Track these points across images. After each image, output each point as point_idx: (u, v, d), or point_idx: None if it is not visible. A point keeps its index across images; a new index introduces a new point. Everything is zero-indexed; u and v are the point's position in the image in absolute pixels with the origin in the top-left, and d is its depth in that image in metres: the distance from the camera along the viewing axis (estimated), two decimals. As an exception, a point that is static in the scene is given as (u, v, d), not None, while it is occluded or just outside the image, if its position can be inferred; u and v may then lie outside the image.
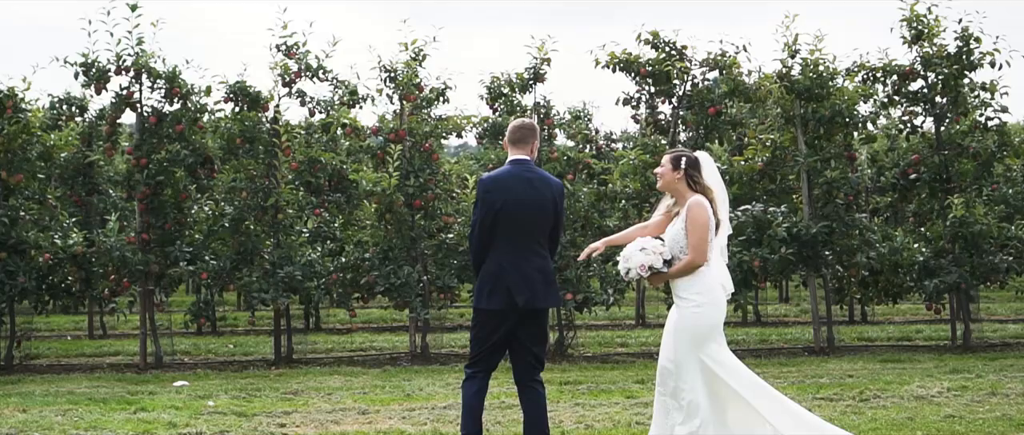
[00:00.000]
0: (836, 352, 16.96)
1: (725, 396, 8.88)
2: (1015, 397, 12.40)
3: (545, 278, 9.07)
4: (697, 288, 8.83)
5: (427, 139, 17.18)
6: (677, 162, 8.95)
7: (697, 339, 8.77)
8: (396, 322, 22.59)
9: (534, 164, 9.21)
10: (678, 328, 8.86)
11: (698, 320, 8.79)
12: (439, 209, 17.16)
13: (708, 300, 8.82)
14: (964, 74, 17.22)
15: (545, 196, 9.05)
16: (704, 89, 17.28)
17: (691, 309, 8.81)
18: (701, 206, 8.80)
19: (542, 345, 9.25)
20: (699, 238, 8.77)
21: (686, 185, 8.90)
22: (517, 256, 9.06)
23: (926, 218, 18.34)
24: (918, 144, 17.71)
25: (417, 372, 15.45)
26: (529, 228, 9.06)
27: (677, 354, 8.83)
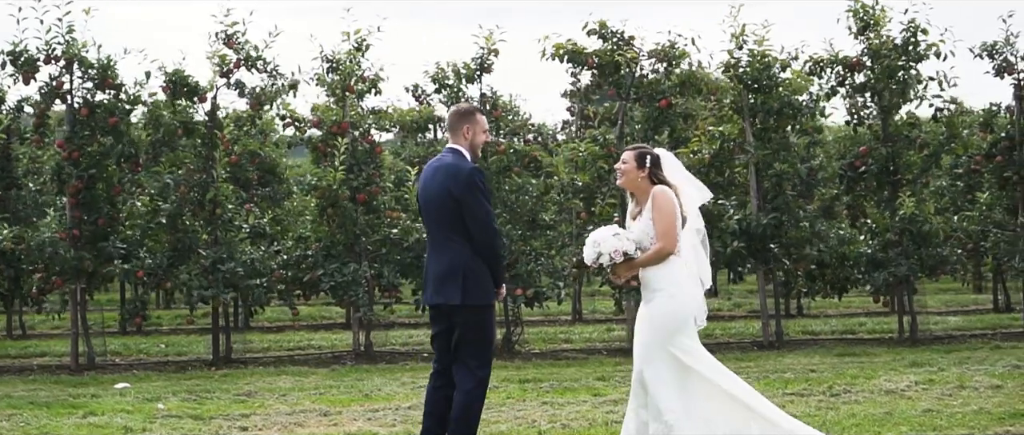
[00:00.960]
0: (785, 346, 16.80)
1: (699, 389, 8.60)
2: (984, 390, 12.26)
3: (452, 273, 8.52)
4: (669, 280, 8.58)
5: (370, 131, 16.72)
6: (641, 159, 8.70)
7: (667, 331, 8.52)
8: (327, 319, 22.09)
9: (462, 152, 8.72)
10: (648, 320, 8.61)
11: (669, 313, 8.54)
12: (383, 204, 16.70)
13: (680, 292, 8.58)
14: (910, 65, 17.12)
15: (444, 186, 8.55)
16: (654, 80, 16.98)
17: (663, 300, 8.57)
18: (665, 194, 8.57)
19: (467, 345, 8.60)
20: (667, 224, 8.53)
21: (649, 182, 8.66)
22: (432, 250, 8.79)
23: (859, 213, 18.25)
24: (865, 136, 17.58)
25: (368, 371, 14.99)
26: (436, 220, 8.69)
27: (647, 348, 8.57)
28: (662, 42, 17.07)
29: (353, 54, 16.61)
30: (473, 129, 8.78)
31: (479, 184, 8.51)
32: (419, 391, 13.04)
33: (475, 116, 8.85)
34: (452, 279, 8.52)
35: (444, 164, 8.69)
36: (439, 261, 8.64)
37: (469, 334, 8.59)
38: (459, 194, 8.48)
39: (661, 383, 8.50)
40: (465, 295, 8.50)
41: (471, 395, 8.57)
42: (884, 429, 10.39)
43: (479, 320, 8.60)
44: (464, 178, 8.49)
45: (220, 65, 16.30)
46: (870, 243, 17.25)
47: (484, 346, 8.66)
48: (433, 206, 8.68)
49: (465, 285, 8.50)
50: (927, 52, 17.11)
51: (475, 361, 8.59)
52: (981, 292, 27.00)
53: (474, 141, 8.79)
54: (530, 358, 16.20)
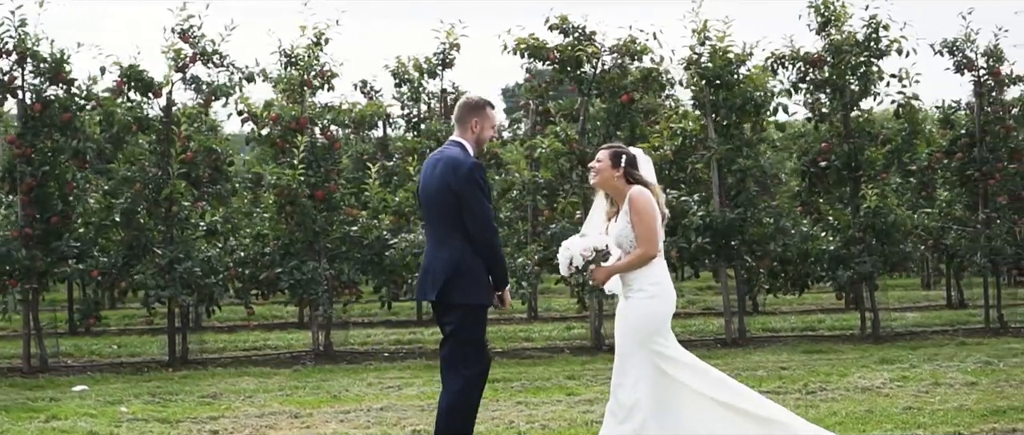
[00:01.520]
0: (749, 344, 16.71)
1: (675, 392, 8.43)
2: (960, 388, 12.21)
3: (448, 271, 8.26)
4: (650, 279, 8.42)
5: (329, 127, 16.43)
6: (617, 159, 8.51)
7: (647, 332, 8.35)
8: (278, 318, 21.74)
9: (465, 146, 8.47)
10: (627, 320, 8.45)
11: (649, 312, 8.38)
12: (342, 201, 16.42)
13: (660, 292, 8.42)
14: (871, 61, 17.07)
15: (442, 180, 8.30)
16: (615, 76, 16.81)
17: (642, 300, 8.40)
18: (643, 195, 8.39)
19: (457, 345, 8.36)
20: (647, 227, 8.34)
21: (625, 182, 8.48)
22: (430, 246, 8.56)
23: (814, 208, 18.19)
24: (827, 132, 17.51)
25: (331, 372, 14.70)
26: (434, 216, 8.47)
27: (623, 347, 8.42)
28: (623, 37, 16.91)
29: (312, 49, 16.31)
30: (482, 123, 8.52)
31: (479, 181, 8.25)
32: (388, 392, 12.84)
33: (486, 110, 8.57)
34: (448, 276, 8.28)
35: (445, 158, 8.43)
36: (437, 257, 8.39)
37: (459, 334, 8.34)
38: (458, 189, 8.21)
39: (637, 381, 8.33)
40: (460, 293, 8.27)
41: (457, 396, 8.33)
42: (868, 427, 10.28)
43: (471, 320, 8.36)
44: (464, 173, 8.23)
45: (175, 60, 15.94)
46: (832, 240, 17.18)
47: (474, 347, 8.39)
48: (432, 201, 8.44)
49: (460, 283, 8.26)
50: (888, 48, 17.08)
51: (463, 362, 8.33)
52: (930, 288, 27.15)
53: (481, 136, 8.54)
54: (495, 357, 15.97)
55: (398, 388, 13.08)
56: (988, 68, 17.59)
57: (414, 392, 12.77)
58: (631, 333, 8.41)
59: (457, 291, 8.26)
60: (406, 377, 13.97)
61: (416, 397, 12.42)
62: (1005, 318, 17.65)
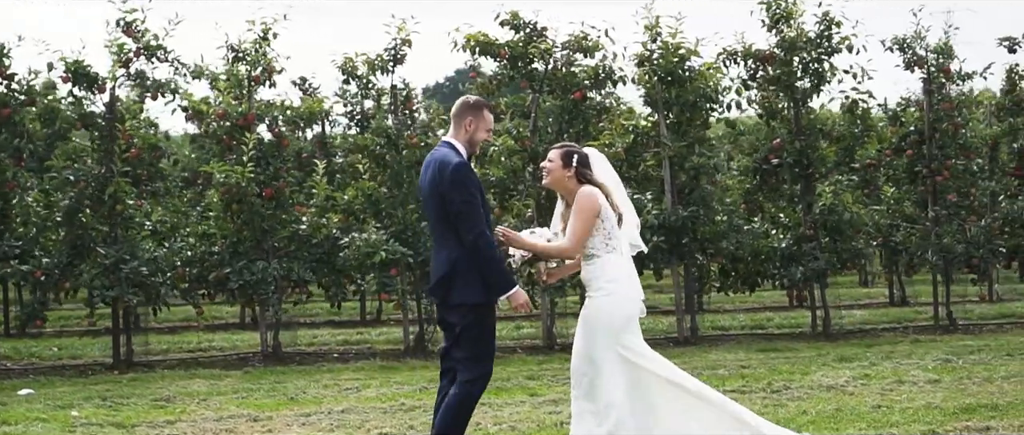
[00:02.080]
0: (701, 342, 16.62)
1: (651, 388, 8.32)
2: (924, 385, 12.16)
3: (444, 270, 8.13)
4: (608, 277, 8.29)
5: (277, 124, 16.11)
6: (568, 158, 8.38)
7: (612, 331, 8.23)
8: (218, 319, 21.33)
9: (456, 146, 8.28)
10: (590, 320, 8.32)
11: (611, 311, 8.25)
12: (291, 199, 16.10)
13: (615, 289, 8.27)
14: (823, 58, 17.03)
15: (432, 182, 8.17)
16: (568, 73, 16.63)
17: (599, 298, 8.28)
18: (589, 195, 8.27)
19: (463, 344, 8.20)
20: (581, 224, 8.24)
21: (577, 182, 8.35)
22: (434, 245, 8.45)
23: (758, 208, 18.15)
24: (778, 129, 17.44)
25: (283, 373, 14.41)
26: (431, 216, 8.42)
27: (593, 349, 8.28)
28: (575, 33, 16.74)
29: (259, 43, 15.98)
30: (476, 123, 8.34)
31: (463, 180, 8.06)
32: (347, 394, 12.58)
33: (483, 111, 8.40)
34: (444, 276, 8.15)
35: (434, 158, 8.31)
36: (437, 257, 8.30)
37: (464, 333, 8.18)
38: (444, 190, 8.08)
39: (607, 382, 8.19)
40: (457, 293, 8.11)
41: (465, 388, 8.19)
42: (841, 426, 10.18)
43: (473, 319, 8.16)
44: (448, 174, 8.07)
45: (119, 54, 15.53)
46: (784, 237, 17.12)
47: (481, 344, 8.23)
48: (427, 202, 8.37)
49: (455, 282, 8.10)
50: (840, 45, 17.04)
51: (472, 360, 8.20)
52: (868, 286, 27.25)
53: (474, 136, 8.36)
54: (441, 357, 15.74)
55: (356, 390, 12.81)
56: (938, 65, 17.59)
57: (373, 393, 12.52)
58: (591, 332, 8.28)
59: (454, 290, 8.12)
60: (362, 379, 13.70)
61: (376, 399, 12.16)
62: (954, 315, 17.65)
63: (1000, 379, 12.36)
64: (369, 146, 16.18)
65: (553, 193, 10.13)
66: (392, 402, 11.86)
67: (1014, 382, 12.14)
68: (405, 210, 15.85)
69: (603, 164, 8.60)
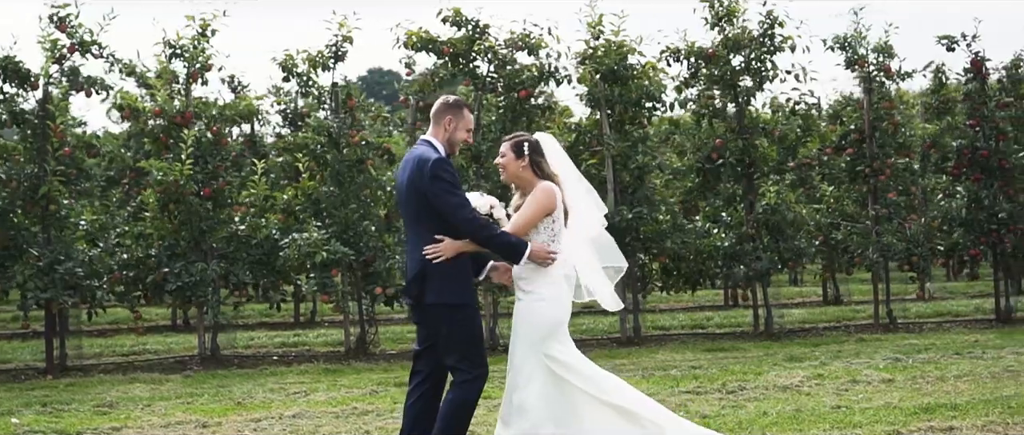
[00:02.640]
0: (644, 342, 16.51)
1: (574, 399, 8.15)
2: (878, 385, 12.11)
3: (420, 271, 7.95)
4: (541, 281, 8.11)
5: (215, 122, 15.76)
6: (519, 149, 8.20)
7: (538, 336, 8.07)
8: (147, 321, 20.84)
9: (434, 144, 8.12)
10: (519, 323, 8.15)
11: (540, 316, 8.09)
12: (230, 198, 15.75)
13: (551, 295, 8.11)
14: (765, 57, 16.99)
15: (411, 180, 8.01)
16: (511, 71, 16.44)
17: (533, 303, 8.11)
18: (548, 191, 8.09)
19: (450, 347, 8.00)
20: (530, 215, 8.06)
21: (532, 173, 8.17)
22: (408, 246, 8.26)
23: (692, 208, 18.09)
24: (720, 127, 17.36)
25: (225, 376, 14.09)
26: (406, 214, 8.23)
27: (516, 350, 8.13)
28: (518, 31, 16.56)
29: (198, 40, 15.62)
30: (456, 123, 8.19)
31: (444, 175, 7.89)
32: (295, 398, 12.29)
33: (463, 111, 8.25)
34: (419, 276, 7.96)
35: (412, 156, 8.14)
36: (411, 256, 8.10)
37: (449, 336, 7.98)
38: (424, 187, 7.89)
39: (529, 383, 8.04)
40: (431, 293, 7.93)
41: (464, 389, 8.00)
42: (804, 427, 10.06)
43: (456, 320, 7.97)
44: (429, 171, 7.89)
45: (52, 50, 15.10)
46: (725, 237, 17.06)
47: (471, 345, 8.03)
48: (404, 201, 8.17)
49: (430, 282, 7.92)
50: (782, 44, 17.00)
51: (466, 362, 8.00)
52: (798, 284, 27.38)
53: (453, 136, 8.20)
54: (387, 359, 15.50)
55: (304, 394, 12.51)
56: (878, 64, 17.62)
57: (322, 397, 12.23)
58: (523, 336, 8.11)
59: (430, 291, 7.93)
60: (307, 382, 13.41)
61: (326, 403, 11.88)
62: (894, 314, 17.69)
63: (953, 378, 12.33)
64: (309, 145, 15.87)
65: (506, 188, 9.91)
66: (343, 406, 11.59)
67: (967, 381, 12.12)
68: (347, 210, 15.55)
69: (556, 150, 8.41)
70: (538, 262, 8.04)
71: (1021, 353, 14.03)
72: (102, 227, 16.83)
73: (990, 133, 17.94)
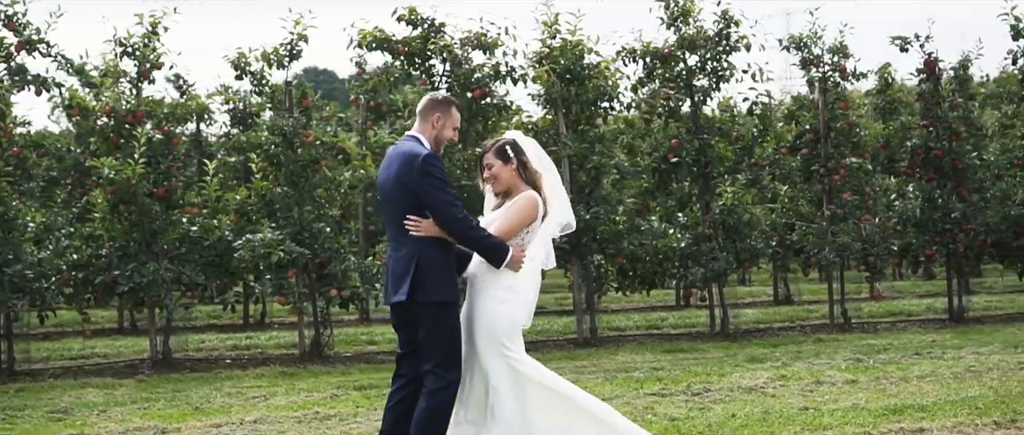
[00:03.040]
0: (603, 343, 16.41)
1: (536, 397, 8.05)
2: (842, 385, 12.08)
3: (406, 268, 7.78)
4: (505, 282, 7.98)
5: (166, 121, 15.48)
6: (504, 154, 8.13)
7: (498, 337, 7.95)
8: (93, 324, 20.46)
9: (421, 139, 7.96)
10: (479, 323, 7.99)
11: (500, 317, 7.95)
12: (181, 199, 15.48)
13: (513, 297, 7.99)
14: (721, 56, 16.94)
15: (398, 175, 7.84)
16: (467, 70, 16.28)
17: (494, 305, 7.97)
18: (534, 202, 8.02)
19: (430, 347, 7.82)
20: (516, 223, 7.98)
21: (520, 176, 8.09)
22: (389, 244, 8.10)
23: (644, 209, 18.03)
24: (677, 128, 17.27)
25: (180, 381, 13.81)
26: (390, 211, 8.01)
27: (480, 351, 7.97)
28: (474, 30, 16.42)
29: (149, 37, 15.33)
30: (444, 120, 8.05)
31: (434, 172, 7.74)
32: (255, 402, 12.07)
33: (451, 108, 8.12)
34: (406, 274, 7.77)
35: (399, 152, 7.96)
36: (395, 256, 7.91)
37: (431, 334, 7.81)
38: (414, 184, 7.73)
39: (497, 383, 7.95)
40: (420, 291, 7.75)
41: (437, 397, 7.81)
42: (774, 429, 10.01)
43: (440, 319, 7.81)
44: (418, 166, 7.73)
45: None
46: (681, 237, 16.98)
47: (450, 348, 7.86)
48: (389, 197, 7.97)
49: (419, 280, 7.75)
50: (738, 44, 16.96)
51: (441, 367, 7.82)
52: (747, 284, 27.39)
53: (441, 134, 8.05)
54: (343, 361, 15.28)
55: (264, 398, 12.29)
56: (833, 64, 17.62)
57: (283, 402, 12.02)
58: (482, 336, 7.97)
59: (419, 290, 7.76)
60: (265, 386, 13.20)
61: (287, 408, 11.66)
62: (849, 314, 17.70)
63: (916, 379, 12.32)
64: (263, 144, 15.62)
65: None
66: (305, 410, 11.38)
67: (930, 382, 12.11)
68: (301, 210, 15.31)
69: (532, 145, 8.35)
70: (513, 267, 7.92)
71: (980, 353, 14.06)
72: (47, 228, 16.50)
73: (943, 133, 18.00)
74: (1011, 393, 11.23)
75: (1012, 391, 11.35)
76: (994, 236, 17.97)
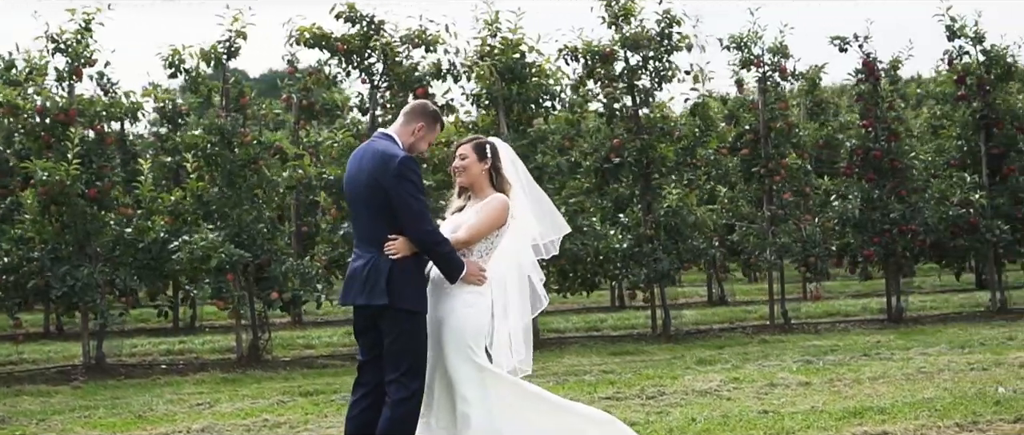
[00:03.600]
0: (545, 345, 16.21)
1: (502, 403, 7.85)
2: (796, 388, 11.97)
3: (377, 272, 7.46)
4: (469, 288, 7.74)
5: (99, 120, 15.05)
6: (482, 150, 7.93)
7: (465, 340, 7.71)
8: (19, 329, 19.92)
9: (396, 139, 7.65)
10: (444, 327, 7.73)
11: (468, 321, 7.70)
12: (116, 200, 15.06)
13: (482, 302, 7.78)
14: (662, 55, 16.82)
15: (372, 175, 7.49)
16: (408, 68, 16.02)
17: (463, 309, 7.72)
18: (504, 207, 7.80)
19: (397, 355, 7.49)
20: (485, 227, 7.75)
21: (489, 178, 7.89)
22: (357, 245, 7.75)
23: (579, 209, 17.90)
24: (619, 128, 17.12)
25: (118, 387, 13.41)
26: (359, 213, 7.66)
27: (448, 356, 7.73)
28: (414, 28, 16.16)
29: (82, 33, 14.90)
30: (425, 133, 7.77)
31: (412, 175, 7.44)
32: (199, 410, 11.71)
33: (436, 125, 7.88)
34: (378, 278, 7.44)
35: (373, 150, 7.62)
36: (364, 257, 7.56)
37: (398, 342, 7.49)
38: (389, 185, 7.40)
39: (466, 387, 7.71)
40: (393, 296, 7.43)
41: (402, 407, 7.49)
42: (736, 433, 9.86)
43: (410, 326, 7.52)
44: (395, 168, 7.40)
45: (-76, 44, 14.29)
46: (621, 238, 16.83)
47: (416, 357, 7.56)
48: (359, 196, 7.60)
49: (392, 285, 7.43)
50: (680, 44, 16.85)
51: (408, 375, 7.50)
52: (677, 285, 27.32)
53: (417, 144, 7.76)
54: (282, 366, 14.95)
55: (208, 405, 11.92)
56: (773, 64, 17.56)
57: (228, 409, 11.66)
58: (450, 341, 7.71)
59: (389, 295, 7.44)
60: (206, 392, 12.83)
61: (234, 415, 11.32)
62: (789, 315, 17.66)
63: (868, 380, 12.25)
64: (200, 144, 15.23)
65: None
66: (252, 418, 11.05)
67: (883, 383, 12.05)
68: (239, 211, 14.96)
69: (511, 157, 8.14)
70: (470, 282, 7.70)
71: (928, 354, 14.05)
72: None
73: (882, 133, 18.02)
74: (966, 394, 11.16)
75: (967, 392, 11.29)
76: (933, 236, 18.01)
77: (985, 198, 18.25)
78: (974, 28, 18.70)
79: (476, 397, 7.75)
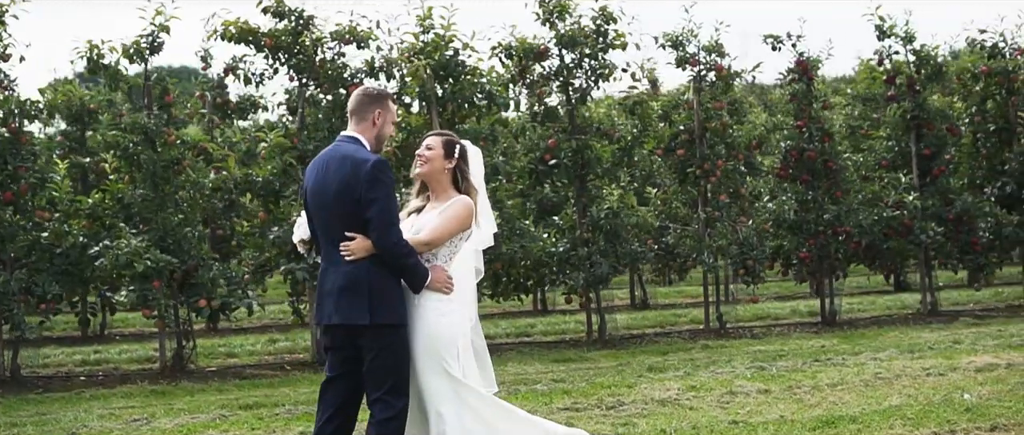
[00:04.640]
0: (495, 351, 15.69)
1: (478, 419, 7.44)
2: (756, 395, 11.62)
3: (355, 287, 6.99)
4: (441, 295, 7.31)
5: (14, 119, 14.27)
6: (450, 148, 7.49)
7: (439, 351, 7.27)
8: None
9: (362, 141, 7.15)
10: (414, 339, 7.28)
11: (441, 329, 7.26)
12: (31, 203, 14.27)
13: (454, 308, 7.35)
14: (598, 54, 16.42)
15: (343, 182, 6.98)
16: (340, 64, 15.43)
17: (435, 317, 7.29)
18: (468, 210, 7.40)
19: (380, 372, 7.03)
20: (447, 230, 7.32)
21: (451, 178, 7.47)
22: (327, 259, 7.20)
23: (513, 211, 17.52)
24: (553, 128, 16.69)
25: (41, 402, 12.66)
26: (328, 223, 7.12)
27: (418, 365, 7.28)
28: (345, 24, 15.57)
29: (-9, 26, 14.13)
30: (384, 116, 7.25)
31: (385, 179, 6.93)
32: (138, 426, 11.05)
33: (387, 102, 7.32)
34: (356, 294, 6.95)
35: (341, 155, 7.06)
36: (337, 272, 7.03)
37: (380, 357, 7.00)
38: (362, 191, 6.89)
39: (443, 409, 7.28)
40: (373, 313, 6.93)
41: (387, 427, 7.02)
42: (708, 447, 9.49)
43: (393, 342, 7.02)
44: (367, 172, 6.89)
45: None
46: (559, 242, 16.41)
47: (399, 374, 7.07)
48: (327, 206, 7.07)
49: (372, 301, 6.94)
50: (615, 41, 16.46)
51: (391, 393, 7.03)
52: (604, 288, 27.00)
53: (382, 131, 7.25)
54: (210, 377, 14.28)
55: (146, 421, 11.22)
56: (709, 63, 17.24)
57: (169, 425, 10.97)
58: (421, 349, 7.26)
59: (369, 311, 6.95)
60: (138, 406, 12.13)
61: (175, 431, 10.67)
62: (724, 319, 17.37)
63: (828, 387, 11.94)
64: (120, 143, 14.47)
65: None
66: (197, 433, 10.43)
67: (843, 390, 11.75)
68: (164, 214, 14.25)
69: (478, 163, 7.68)
70: (437, 289, 7.22)
71: (879, 359, 13.80)
72: None
73: (817, 134, 17.80)
74: (932, 401, 10.89)
75: (932, 399, 11.02)
76: (867, 238, 17.82)
77: (918, 200, 18.11)
78: (904, 28, 18.57)
79: (451, 413, 7.30)
